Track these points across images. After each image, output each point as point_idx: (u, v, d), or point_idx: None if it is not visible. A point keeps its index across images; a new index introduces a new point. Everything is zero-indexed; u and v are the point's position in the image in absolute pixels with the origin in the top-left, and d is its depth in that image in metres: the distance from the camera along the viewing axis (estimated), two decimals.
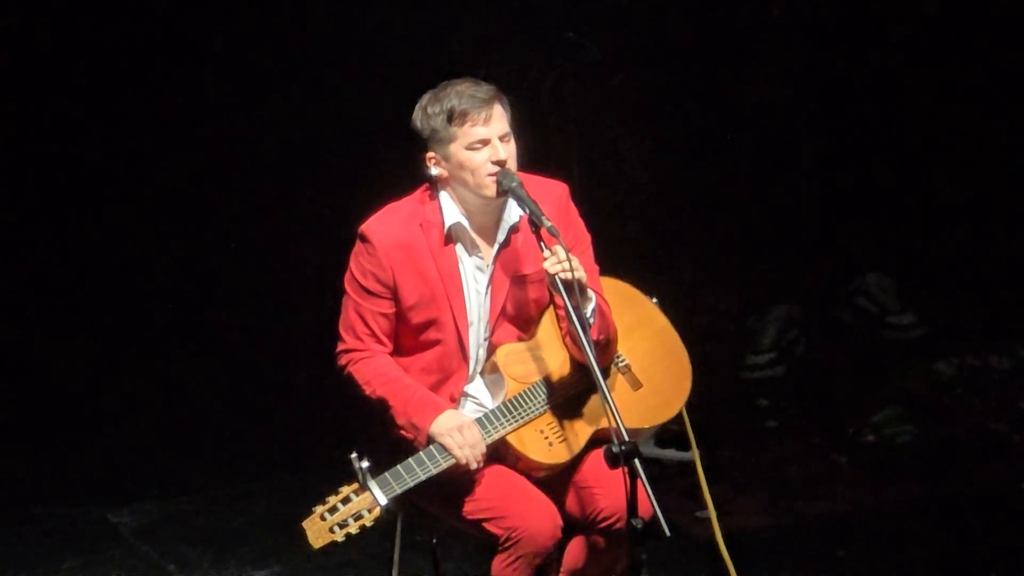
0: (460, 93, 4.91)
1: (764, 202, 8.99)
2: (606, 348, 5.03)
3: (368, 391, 5.01)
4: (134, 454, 7.98)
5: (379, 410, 5.00)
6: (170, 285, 8.67)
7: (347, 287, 5.06)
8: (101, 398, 8.38)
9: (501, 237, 5.03)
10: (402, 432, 4.97)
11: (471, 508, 4.96)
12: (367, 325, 5.02)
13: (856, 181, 9.00)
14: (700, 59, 8.81)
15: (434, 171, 4.99)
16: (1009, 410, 8.13)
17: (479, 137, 4.90)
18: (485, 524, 4.94)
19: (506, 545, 4.92)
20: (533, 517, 4.93)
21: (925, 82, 8.86)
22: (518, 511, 4.92)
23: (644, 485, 4.57)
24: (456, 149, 4.92)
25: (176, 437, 8.10)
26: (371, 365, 5.02)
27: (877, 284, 8.94)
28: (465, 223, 5.01)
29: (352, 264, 5.04)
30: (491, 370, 5.07)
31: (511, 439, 4.97)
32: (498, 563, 4.97)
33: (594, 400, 5.04)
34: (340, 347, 5.07)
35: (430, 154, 4.98)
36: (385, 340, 5.04)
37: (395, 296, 4.99)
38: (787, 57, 8.92)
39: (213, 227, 8.65)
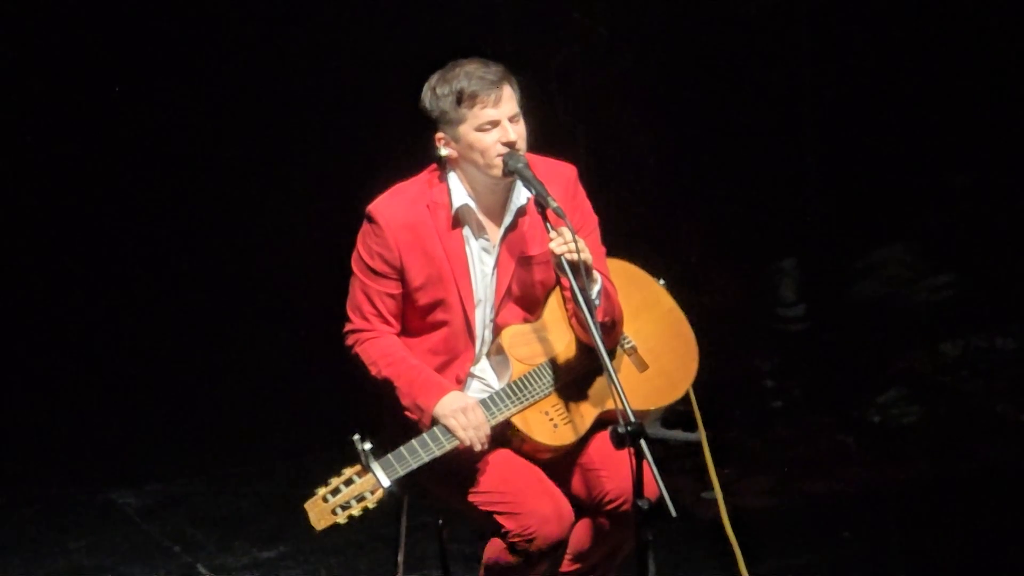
0: (469, 74, 4.89)
1: (772, 184, 8.97)
2: (612, 330, 5.03)
3: (374, 371, 5.00)
4: (140, 435, 8.00)
5: (385, 391, 5.00)
6: (175, 268, 8.68)
7: (354, 267, 5.05)
8: (107, 379, 8.39)
9: (508, 219, 5.02)
10: (407, 413, 4.96)
11: (484, 499, 4.95)
12: (374, 305, 5.01)
13: (863, 160, 8.98)
14: (707, 40, 8.79)
15: (443, 151, 4.98)
16: (1014, 391, 8.12)
17: (489, 119, 4.89)
18: (497, 517, 4.92)
19: (515, 540, 4.91)
20: (547, 518, 4.91)
21: (932, 55, 8.83)
22: (532, 508, 4.91)
23: (650, 466, 4.56)
24: (466, 131, 4.91)
25: (182, 418, 8.11)
26: (377, 346, 5.01)
27: (906, 251, 8.94)
28: (472, 205, 5.00)
29: (359, 244, 5.03)
30: (496, 351, 5.06)
31: (516, 421, 4.96)
32: (497, 549, 4.97)
33: (600, 382, 5.03)
34: (347, 327, 5.07)
35: (439, 135, 4.96)
36: (392, 320, 5.04)
37: (402, 277, 4.99)
38: (794, 38, 8.90)
39: (218, 209, 8.65)
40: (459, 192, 5.00)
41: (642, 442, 4.55)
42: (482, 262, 5.02)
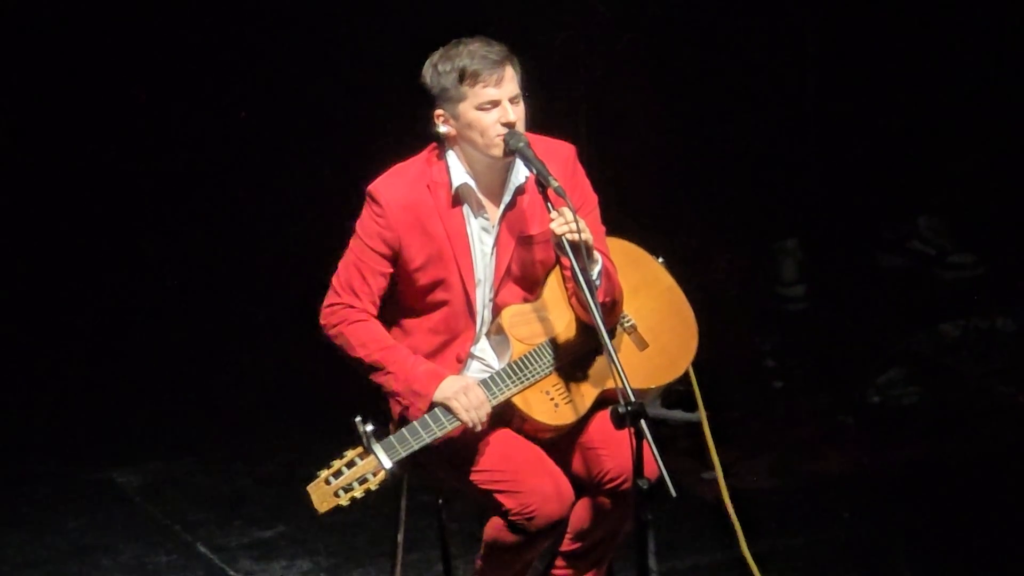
0: (472, 53, 4.89)
1: (773, 163, 8.97)
2: (612, 310, 5.02)
3: (363, 353, 4.96)
4: (140, 414, 7.99)
5: (369, 373, 4.97)
6: (176, 248, 8.68)
7: (352, 244, 5.04)
8: (107, 357, 8.39)
9: (507, 198, 5.02)
10: (397, 399, 4.95)
11: (484, 478, 4.95)
12: (366, 283, 4.99)
13: (865, 140, 8.98)
14: (709, 20, 8.77)
15: (442, 129, 4.97)
16: (1014, 372, 8.12)
17: (489, 98, 4.88)
18: (497, 495, 4.93)
19: (515, 519, 4.91)
20: (547, 496, 4.92)
21: (939, 32, 8.80)
22: (532, 486, 4.91)
23: (650, 446, 4.56)
24: (466, 109, 4.90)
25: (182, 398, 8.11)
26: (368, 329, 4.98)
27: (930, 226, 8.93)
28: (472, 184, 4.99)
29: (359, 223, 5.02)
30: (496, 331, 5.06)
31: (517, 401, 4.96)
32: (498, 527, 4.97)
33: (600, 361, 5.03)
34: (333, 300, 5.02)
35: (439, 111, 4.96)
36: (378, 302, 5.02)
37: (399, 258, 4.98)
38: (797, 16, 8.88)
39: (217, 193, 8.66)
40: (458, 171, 4.99)
41: (642, 422, 4.55)
42: (482, 241, 5.02)
